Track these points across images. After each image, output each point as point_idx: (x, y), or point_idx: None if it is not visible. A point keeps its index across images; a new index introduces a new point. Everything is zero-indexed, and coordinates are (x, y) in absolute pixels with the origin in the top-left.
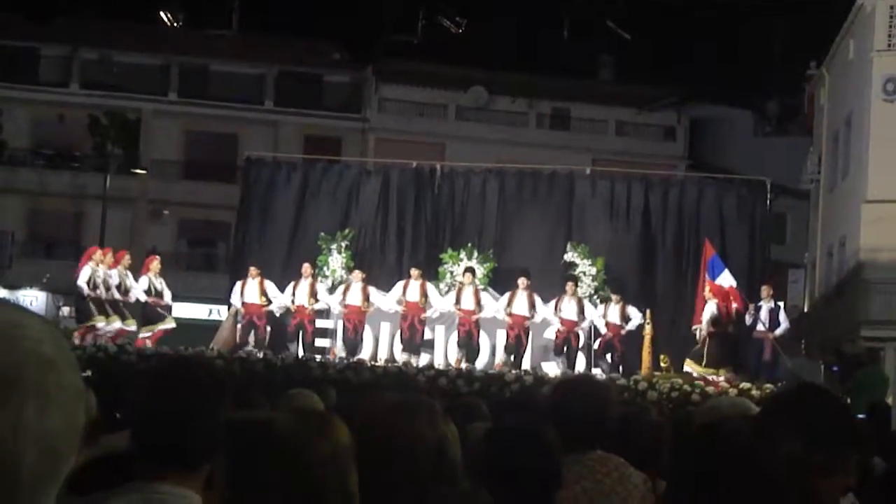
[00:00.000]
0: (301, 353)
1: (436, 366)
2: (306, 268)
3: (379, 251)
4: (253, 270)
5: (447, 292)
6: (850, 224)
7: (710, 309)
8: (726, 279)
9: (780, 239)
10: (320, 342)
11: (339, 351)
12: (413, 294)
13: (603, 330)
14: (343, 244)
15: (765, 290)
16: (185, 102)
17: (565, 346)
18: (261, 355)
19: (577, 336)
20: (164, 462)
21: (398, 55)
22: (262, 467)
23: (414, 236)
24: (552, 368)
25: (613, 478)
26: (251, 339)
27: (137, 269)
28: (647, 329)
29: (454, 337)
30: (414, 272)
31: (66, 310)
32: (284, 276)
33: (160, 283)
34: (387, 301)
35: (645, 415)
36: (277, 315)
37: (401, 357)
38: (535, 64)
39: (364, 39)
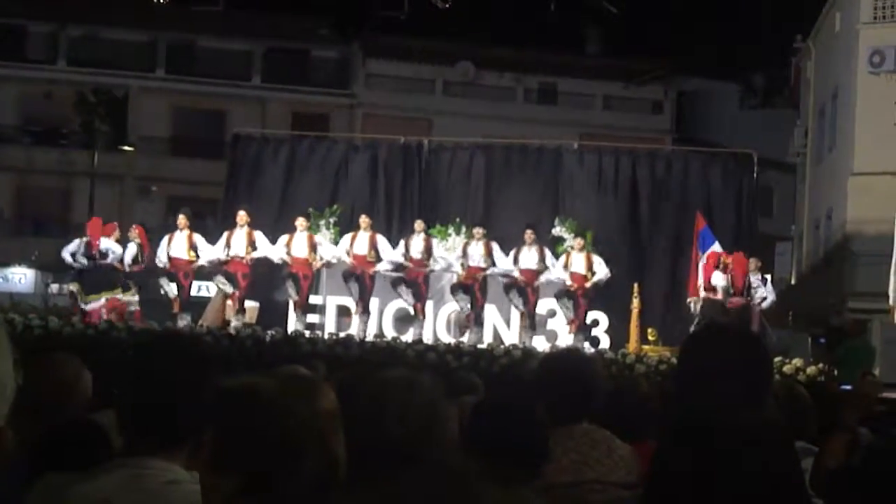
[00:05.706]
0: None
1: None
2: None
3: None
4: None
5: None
6: (837, 197)
7: (721, 280)
8: (717, 251)
9: (767, 212)
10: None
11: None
12: (361, 247)
13: (568, 281)
14: (331, 220)
15: (752, 263)
16: (173, 79)
17: (522, 297)
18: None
19: (536, 289)
20: (150, 437)
21: (385, 31)
22: (243, 428)
23: (402, 211)
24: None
25: (600, 450)
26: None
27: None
28: (635, 303)
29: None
30: (364, 221)
31: (54, 287)
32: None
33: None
34: (336, 252)
35: (633, 387)
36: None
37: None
38: (522, 39)
39: (351, 15)
